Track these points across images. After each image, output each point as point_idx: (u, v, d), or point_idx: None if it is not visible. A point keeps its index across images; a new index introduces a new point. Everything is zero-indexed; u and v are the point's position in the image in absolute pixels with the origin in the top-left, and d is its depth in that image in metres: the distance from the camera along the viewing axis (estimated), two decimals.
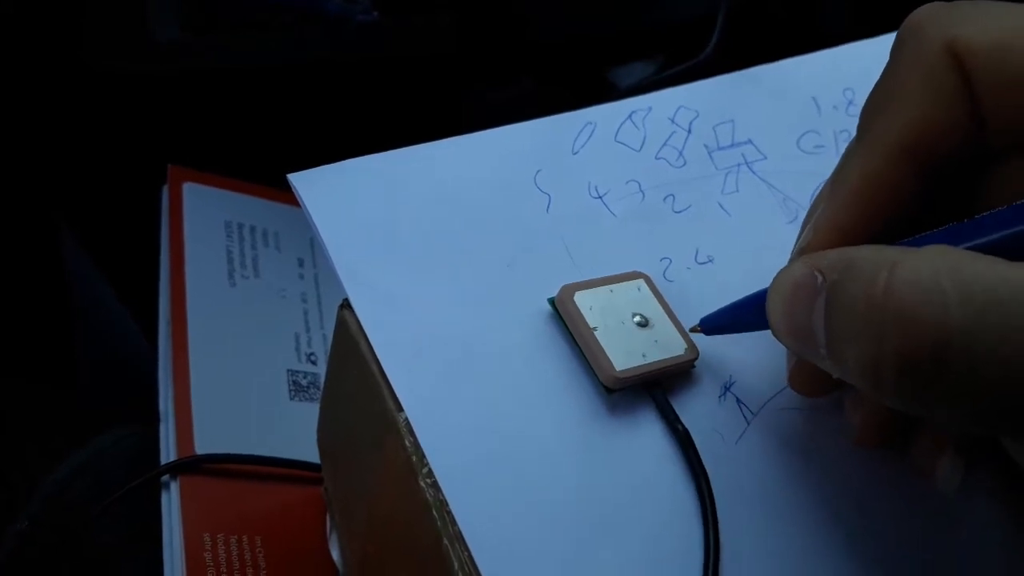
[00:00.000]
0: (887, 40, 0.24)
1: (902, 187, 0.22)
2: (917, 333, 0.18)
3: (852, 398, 0.25)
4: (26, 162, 0.46)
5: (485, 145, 0.29)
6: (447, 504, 0.23)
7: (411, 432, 0.24)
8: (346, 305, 0.26)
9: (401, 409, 0.24)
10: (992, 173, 0.23)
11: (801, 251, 0.23)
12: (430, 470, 0.23)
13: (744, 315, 0.25)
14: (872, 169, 0.22)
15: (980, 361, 0.17)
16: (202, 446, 0.37)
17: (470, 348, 0.25)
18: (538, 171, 0.29)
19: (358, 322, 0.25)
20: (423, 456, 0.23)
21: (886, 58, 0.24)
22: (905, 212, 0.23)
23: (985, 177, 0.23)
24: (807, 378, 0.25)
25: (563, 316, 0.26)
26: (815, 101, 0.33)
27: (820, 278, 0.20)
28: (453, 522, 0.23)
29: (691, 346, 0.26)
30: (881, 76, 0.23)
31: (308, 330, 0.44)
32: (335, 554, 0.33)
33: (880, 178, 0.22)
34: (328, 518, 0.35)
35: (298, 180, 0.27)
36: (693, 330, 0.26)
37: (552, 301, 0.26)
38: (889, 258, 0.19)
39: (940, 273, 0.18)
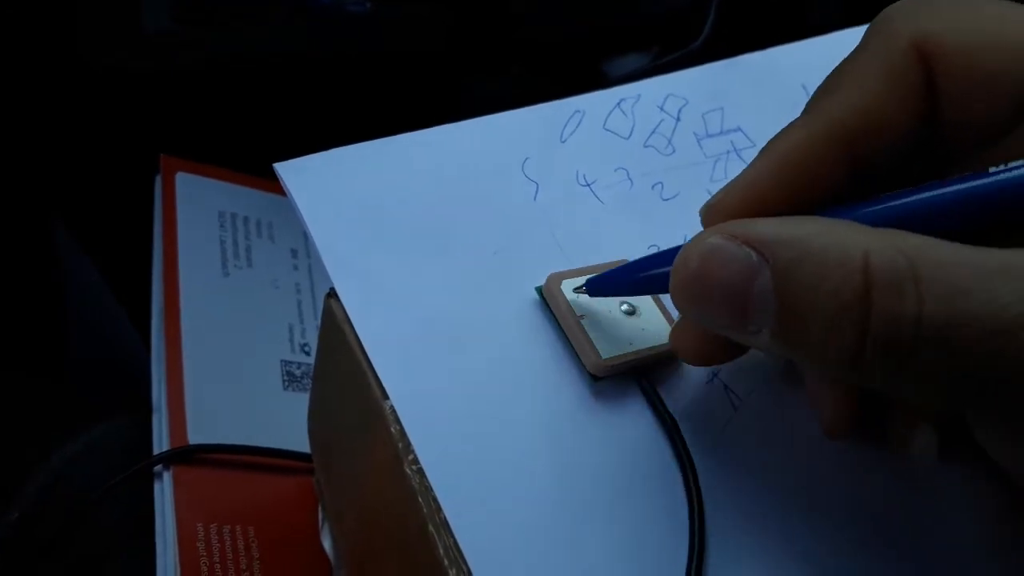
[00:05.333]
0: None
1: (830, 168, 0.22)
2: (897, 320, 0.18)
3: (816, 390, 0.25)
4: (18, 153, 0.46)
5: (473, 133, 0.29)
6: (432, 491, 0.23)
7: (397, 420, 0.24)
8: (333, 294, 0.26)
9: (387, 397, 0.24)
10: (938, 174, 0.23)
11: (709, 208, 0.23)
12: (416, 457, 0.23)
13: (635, 279, 0.24)
14: (805, 142, 0.22)
15: (952, 343, 0.18)
16: (195, 436, 0.37)
17: (456, 336, 0.25)
18: (526, 159, 0.29)
19: (344, 311, 0.25)
20: (409, 443, 0.23)
21: None
22: (824, 194, 0.22)
23: (927, 177, 0.23)
24: (700, 346, 0.24)
25: (550, 304, 0.26)
26: (804, 88, 0.33)
27: (755, 255, 0.20)
28: (439, 509, 0.23)
29: None
30: (843, 60, 0.23)
31: (302, 320, 0.44)
32: (326, 544, 0.34)
33: (811, 154, 0.22)
34: (320, 508, 0.35)
35: (284, 169, 0.27)
36: (577, 290, 0.25)
37: (539, 290, 0.26)
38: (857, 243, 0.19)
39: (913, 260, 0.18)
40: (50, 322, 0.44)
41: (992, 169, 0.20)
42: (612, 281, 0.25)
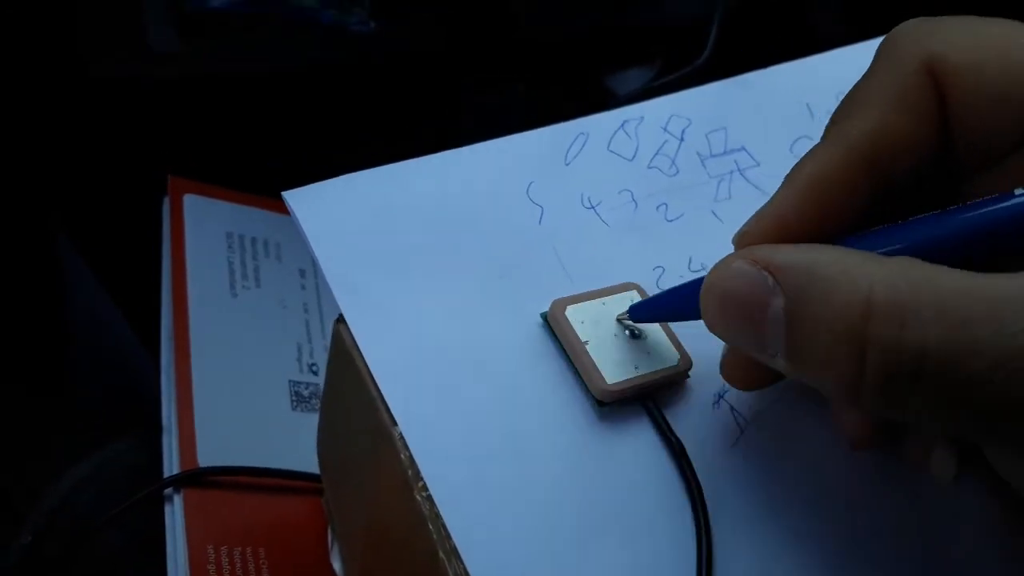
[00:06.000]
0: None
1: (853, 192, 0.22)
2: (899, 352, 0.18)
3: (838, 407, 0.25)
4: (25, 172, 0.46)
5: (477, 158, 0.29)
6: (442, 517, 0.23)
7: (406, 446, 0.24)
8: (341, 320, 0.26)
9: (396, 423, 0.24)
10: (954, 192, 0.23)
11: (741, 236, 0.23)
12: (425, 484, 0.23)
13: (676, 305, 0.25)
14: (827, 169, 0.22)
15: (957, 372, 0.18)
16: (205, 458, 0.37)
17: (463, 362, 0.25)
18: (531, 183, 0.29)
19: (352, 337, 0.25)
20: (418, 470, 0.23)
21: None
22: (848, 217, 0.23)
23: (944, 196, 0.23)
24: (743, 372, 0.25)
25: (555, 330, 0.26)
26: (808, 107, 0.33)
27: (771, 280, 0.20)
28: (448, 536, 0.23)
29: (684, 356, 0.26)
30: (856, 84, 0.24)
31: (310, 340, 0.44)
32: (336, 565, 0.34)
33: (833, 179, 0.22)
34: (329, 529, 0.35)
35: (292, 197, 0.27)
36: (620, 317, 0.26)
37: (544, 315, 0.26)
38: (865, 273, 0.19)
39: (918, 289, 0.18)
40: (57, 344, 0.44)
41: (1018, 191, 0.20)
42: (654, 307, 0.26)
